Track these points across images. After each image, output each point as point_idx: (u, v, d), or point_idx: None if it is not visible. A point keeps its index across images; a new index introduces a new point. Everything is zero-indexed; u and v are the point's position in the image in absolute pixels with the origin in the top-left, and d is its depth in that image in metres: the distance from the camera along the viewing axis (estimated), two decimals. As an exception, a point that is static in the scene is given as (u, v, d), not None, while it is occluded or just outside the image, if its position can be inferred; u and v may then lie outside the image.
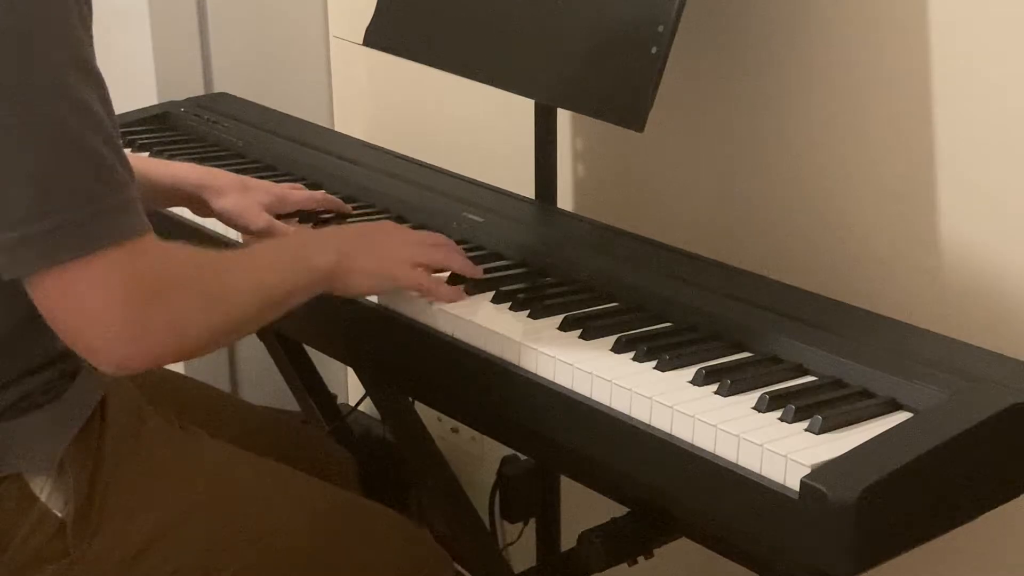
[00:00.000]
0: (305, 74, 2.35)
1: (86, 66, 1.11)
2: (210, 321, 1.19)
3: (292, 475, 1.41)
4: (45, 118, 1.07)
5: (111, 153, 1.11)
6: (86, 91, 1.10)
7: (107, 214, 1.10)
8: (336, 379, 2.31)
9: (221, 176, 1.57)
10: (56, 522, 1.23)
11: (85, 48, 1.11)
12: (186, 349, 1.19)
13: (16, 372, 1.21)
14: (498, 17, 1.62)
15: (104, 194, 1.10)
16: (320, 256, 1.31)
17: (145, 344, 1.13)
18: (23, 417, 1.22)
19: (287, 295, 1.28)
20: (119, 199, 1.11)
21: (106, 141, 1.11)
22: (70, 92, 1.08)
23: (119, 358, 1.13)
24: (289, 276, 1.28)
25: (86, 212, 1.09)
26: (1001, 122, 1.43)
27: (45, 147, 1.07)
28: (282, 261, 1.30)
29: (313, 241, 1.38)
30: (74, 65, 1.09)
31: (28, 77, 1.07)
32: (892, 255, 1.55)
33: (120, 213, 1.11)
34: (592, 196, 1.90)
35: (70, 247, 1.08)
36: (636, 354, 1.25)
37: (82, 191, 1.09)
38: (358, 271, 1.33)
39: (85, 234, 1.09)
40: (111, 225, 1.10)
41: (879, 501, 1.02)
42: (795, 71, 1.60)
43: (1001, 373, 1.19)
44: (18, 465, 1.21)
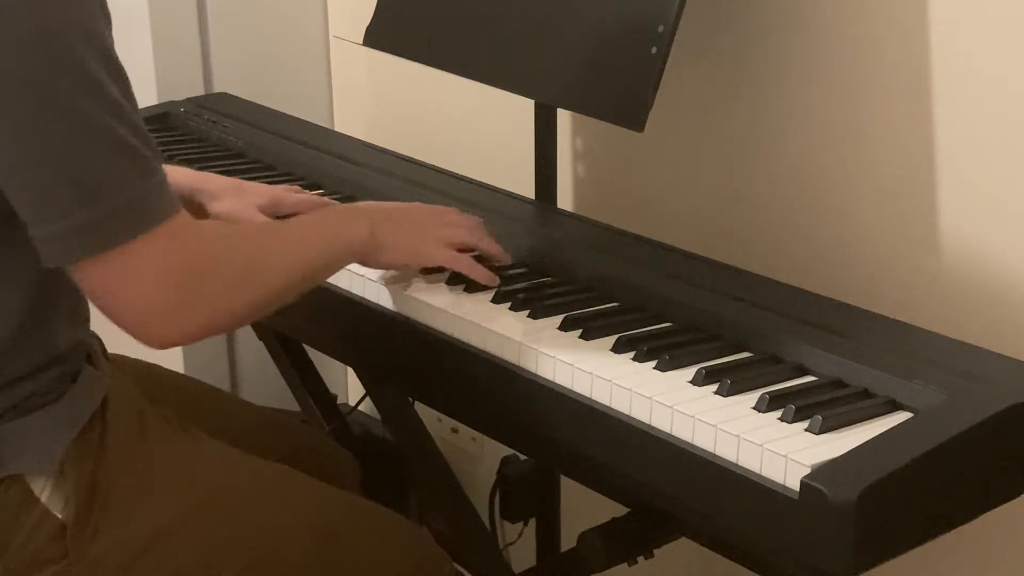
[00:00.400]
0: (305, 74, 2.35)
1: (109, 58, 1.13)
2: (250, 294, 1.23)
3: (292, 476, 1.41)
4: (76, 114, 1.10)
5: (138, 140, 1.14)
6: (109, 83, 1.12)
7: (142, 199, 1.13)
8: (336, 379, 2.31)
9: (216, 180, 1.58)
10: (56, 523, 1.23)
11: (106, 38, 1.14)
12: (228, 322, 1.23)
13: (17, 373, 1.21)
14: (498, 17, 1.62)
15: (137, 180, 1.13)
16: (353, 229, 1.35)
17: (190, 319, 1.17)
18: (24, 418, 1.22)
19: (322, 267, 1.32)
20: (151, 183, 1.14)
21: (132, 130, 1.13)
22: (96, 86, 1.11)
23: (167, 334, 1.17)
24: (324, 249, 1.32)
25: (124, 199, 1.12)
26: (1001, 122, 1.43)
27: (76, 141, 1.10)
28: (317, 234, 1.33)
29: (347, 214, 1.42)
30: (98, 58, 1.12)
31: (54, 73, 1.09)
32: (892, 255, 1.55)
33: (154, 196, 1.14)
34: (592, 196, 1.90)
35: (112, 235, 1.12)
36: (636, 354, 1.25)
37: (116, 181, 1.12)
38: (391, 245, 1.37)
39: (125, 221, 1.12)
40: (147, 209, 1.13)
41: (879, 501, 1.02)
42: (795, 71, 1.60)
43: (1001, 373, 1.19)
44: (18, 466, 1.21)
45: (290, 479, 1.41)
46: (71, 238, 1.11)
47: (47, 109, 1.09)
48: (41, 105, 1.09)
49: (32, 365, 1.22)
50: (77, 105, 1.10)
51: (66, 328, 1.25)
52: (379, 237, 1.35)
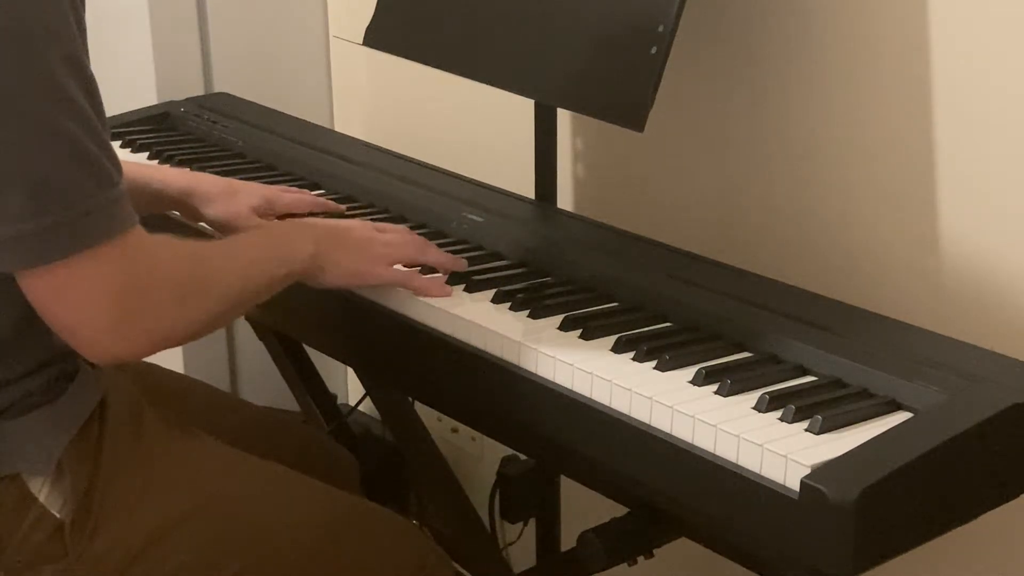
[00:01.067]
0: (305, 74, 2.35)
1: (77, 64, 1.12)
2: (194, 313, 1.21)
3: (291, 476, 1.41)
4: (36, 117, 1.09)
5: (99, 150, 1.12)
6: (75, 90, 1.11)
7: (97, 211, 1.11)
8: (336, 379, 2.31)
9: (208, 181, 1.57)
10: (54, 522, 1.23)
11: (77, 46, 1.12)
12: (171, 339, 1.21)
13: (15, 372, 1.21)
14: (498, 17, 1.62)
15: (94, 191, 1.11)
16: (299, 248, 1.34)
17: (134, 335, 1.16)
18: (22, 417, 1.21)
19: (266, 286, 1.30)
20: (108, 196, 1.12)
21: (94, 139, 1.12)
22: (60, 91, 1.09)
23: (108, 350, 1.16)
24: (268, 267, 1.31)
25: (78, 210, 1.10)
26: (1001, 122, 1.43)
27: (37, 146, 1.09)
28: (262, 252, 1.32)
29: (292, 232, 1.39)
30: (66, 64, 1.10)
31: (21, 76, 1.08)
32: (892, 255, 1.55)
33: (110, 209, 1.12)
34: (592, 196, 1.90)
35: (62, 245, 1.10)
36: (636, 354, 1.25)
37: (74, 189, 1.10)
38: (333, 265, 1.36)
39: (77, 232, 1.10)
40: (101, 222, 1.12)
41: (879, 501, 1.02)
42: (795, 71, 1.60)
43: (1001, 373, 1.19)
44: (17, 465, 1.21)
45: (289, 479, 1.41)
46: (18, 245, 1.10)
47: (11, 113, 1.08)
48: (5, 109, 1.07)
49: (30, 365, 1.22)
50: (40, 109, 1.08)
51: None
52: (322, 259, 1.34)
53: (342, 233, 1.41)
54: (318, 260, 1.34)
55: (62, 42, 1.10)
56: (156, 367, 1.58)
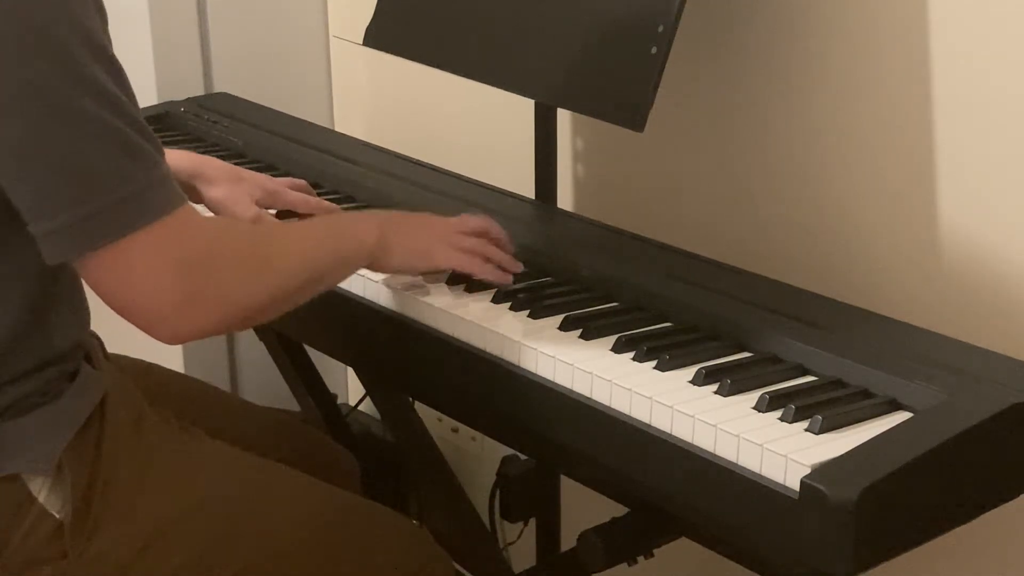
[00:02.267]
0: (305, 74, 2.35)
1: (104, 54, 1.13)
2: (257, 291, 1.22)
3: (292, 475, 1.41)
4: (70, 109, 1.10)
5: (137, 134, 1.14)
6: (104, 77, 1.12)
7: (142, 193, 1.13)
8: (336, 379, 2.31)
9: (213, 166, 1.57)
10: (54, 523, 1.22)
11: (99, 33, 1.14)
12: (236, 318, 1.22)
13: (15, 373, 1.21)
14: (498, 17, 1.62)
15: (137, 173, 1.13)
16: (364, 231, 1.35)
17: (198, 313, 1.17)
18: (22, 417, 1.21)
19: (332, 268, 1.32)
20: (152, 176, 1.14)
21: (131, 123, 1.13)
22: (90, 80, 1.11)
23: (177, 328, 1.17)
24: (334, 249, 1.32)
25: (121, 193, 1.12)
26: (1001, 123, 1.43)
27: (74, 138, 1.10)
28: (327, 235, 1.34)
29: (356, 218, 1.43)
30: (92, 53, 1.12)
31: (49, 69, 1.09)
32: (892, 255, 1.55)
33: (155, 189, 1.14)
34: (592, 196, 1.90)
35: (112, 229, 1.12)
36: (636, 354, 1.25)
37: (115, 175, 1.12)
38: (399, 249, 1.36)
39: (124, 214, 1.12)
40: (148, 202, 1.13)
41: (879, 501, 1.02)
42: (795, 71, 1.60)
43: (1001, 373, 1.19)
44: (16, 466, 1.21)
45: (289, 478, 1.41)
46: (71, 233, 1.11)
47: (43, 106, 1.09)
48: (37, 102, 1.09)
49: (30, 365, 1.22)
50: (73, 101, 1.10)
51: (65, 328, 1.25)
52: (388, 240, 1.35)
53: (410, 219, 1.42)
54: (384, 242, 1.35)
55: (87, 34, 1.12)
56: (156, 367, 1.58)
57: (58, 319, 1.24)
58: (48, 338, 1.22)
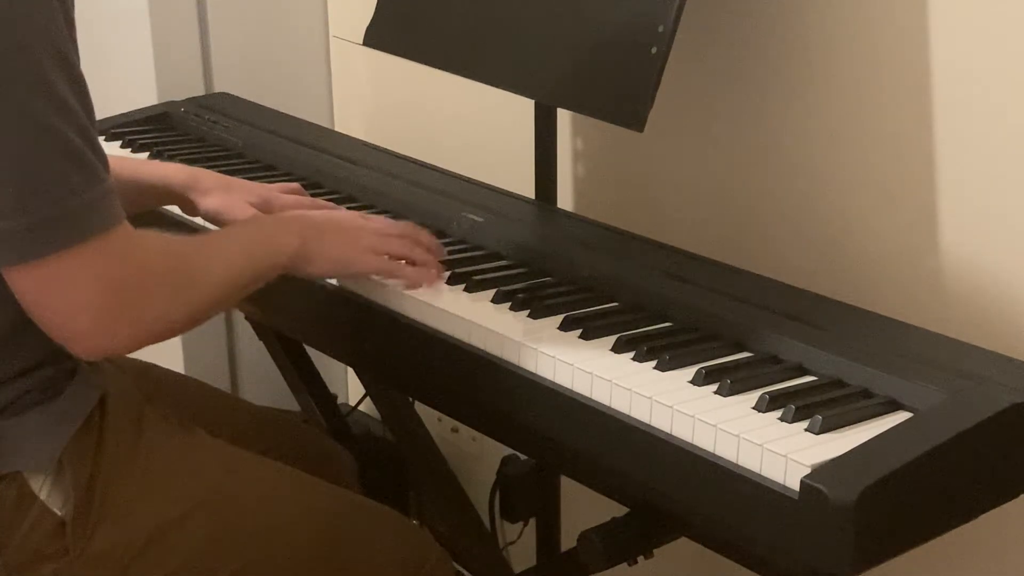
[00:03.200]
0: (305, 74, 2.35)
1: (65, 61, 1.12)
2: (181, 308, 1.22)
3: (292, 473, 1.41)
4: (23, 113, 1.09)
5: (86, 146, 1.12)
6: (63, 86, 1.11)
7: (84, 208, 1.12)
8: (336, 379, 2.31)
9: (206, 177, 1.56)
10: (55, 520, 1.23)
11: (65, 43, 1.12)
12: (158, 334, 1.21)
13: (14, 370, 1.21)
14: (498, 17, 1.62)
15: (81, 188, 1.11)
16: (284, 239, 1.34)
17: (120, 331, 1.16)
18: (22, 415, 1.22)
19: (252, 278, 1.30)
20: (95, 192, 1.13)
21: (82, 135, 1.12)
22: (48, 88, 1.09)
23: (99, 345, 1.17)
24: (255, 259, 1.31)
25: (64, 207, 1.10)
26: (1000, 124, 1.43)
27: (23, 142, 1.09)
28: (248, 244, 1.33)
29: (278, 224, 1.40)
30: (53, 60, 1.10)
31: (8, 72, 1.08)
32: (892, 255, 1.55)
33: (96, 205, 1.13)
34: (592, 196, 1.90)
35: (50, 241, 1.10)
36: (636, 354, 1.25)
37: (60, 186, 1.10)
38: (319, 255, 1.36)
39: (65, 228, 1.11)
40: (88, 218, 1.12)
41: (879, 501, 1.02)
42: (795, 72, 1.60)
43: (1001, 373, 1.19)
44: (17, 463, 1.21)
45: (290, 476, 1.41)
46: (6, 241, 1.10)
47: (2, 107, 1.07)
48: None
49: (28, 363, 1.22)
50: (28, 105, 1.09)
51: None
52: (308, 248, 1.35)
53: (329, 223, 1.41)
54: (304, 250, 1.34)
55: (51, 38, 1.10)
56: (156, 367, 1.58)
57: None
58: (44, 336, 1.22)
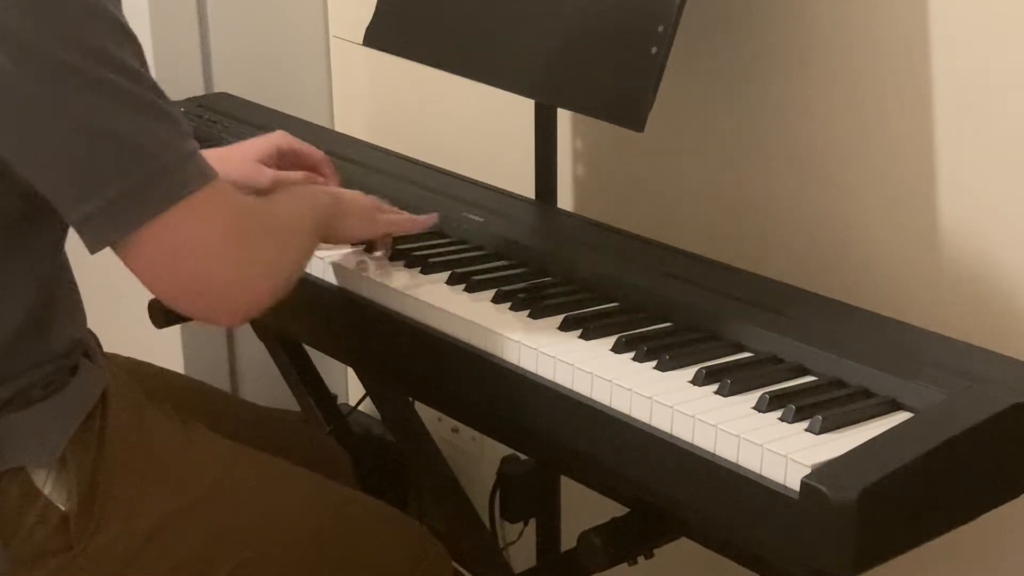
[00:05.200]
0: (305, 74, 2.35)
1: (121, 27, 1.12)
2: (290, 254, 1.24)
3: (293, 470, 1.42)
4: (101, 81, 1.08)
5: (166, 103, 1.13)
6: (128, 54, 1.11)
7: (184, 160, 1.12)
8: (336, 379, 2.31)
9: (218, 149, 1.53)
10: (59, 515, 1.23)
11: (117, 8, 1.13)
12: (284, 282, 1.22)
13: (18, 368, 1.21)
14: (498, 17, 1.62)
15: (175, 142, 1.12)
16: (322, 199, 1.38)
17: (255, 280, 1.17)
18: (24, 411, 1.21)
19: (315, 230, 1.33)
20: (189, 145, 1.13)
21: (159, 95, 1.13)
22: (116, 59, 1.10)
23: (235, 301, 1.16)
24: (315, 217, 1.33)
25: (164, 161, 1.10)
26: (1001, 124, 1.43)
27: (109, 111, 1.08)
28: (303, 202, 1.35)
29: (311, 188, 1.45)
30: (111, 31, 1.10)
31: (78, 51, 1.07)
32: (892, 255, 1.55)
33: (193, 158, 1.13)
34: (592, 196, 1.90)
35: (159, 200, 1.10)
36: (636, 354, 1.25)
37: (155, 141, 1.10)
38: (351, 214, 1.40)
39: (170, 183, 1.10)
40: (189, 170, 1.12)
41: (879, 501, 1.02)
42: (795, 71, 1.60)
43: (1001, 373, 1.19)
44: (20, 459, 1.21)
45: (291, 472, 1.41)
46: (116, 211, 1.09)
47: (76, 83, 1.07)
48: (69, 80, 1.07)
49: (30, 362, 1.22)
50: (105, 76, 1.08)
51: (64, 328, 1.25)
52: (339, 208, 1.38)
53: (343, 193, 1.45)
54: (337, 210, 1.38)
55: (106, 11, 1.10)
56: (154, 366, 1.58)
57: (57, 319, 1.24)
58: (47, 337, 1.22)
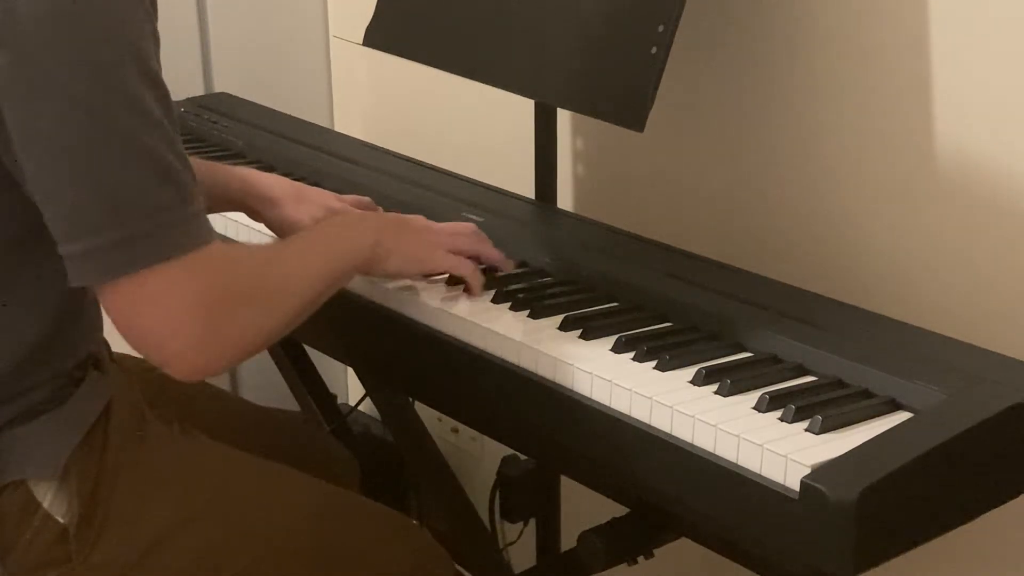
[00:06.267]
0: (305, 74, 2.35)
1: (154, 77, 1.12)
2: (273, 320, 1.21)
3: (293, 475, 1.41)
4: (113, 129, 1.08)
5: (178, 162, 1.12)
6: (152, 103, 1.10)
7: (176, 224, 1.11)
8: (336, 379, 2.31)
9: (276, 186, 1.54)
10: (59, 528, 1.23)
11: (151, 57, 1.12)
12: (254, 349, 1.20)
13: (23, 387, 1.21)
14: (498, 17, 1.62)
15: (173, 204, 1.11)
16: (360, 237, 1.34)
17: (214, 351, 1.15)
18: (27, 424, 1.21)
19: (333, 280, 1.30)
20: (188, 209, 1.12)
21: (173, 151, 1.11)
22: (137, 103, 1.09)
23: (195, 364, 1.15)
24: (334, 261, 1.30)
25: (155, 222, 1.10)
26: (1000, 123, 1.43)
27: (114, 158, 1.08)
28: (328, 247, 1.32)
29: (353, 223, 1.40)
30: (142, 76, 1.10)
31: (97, 88, 1.07)
32: (892, 255, 1.55)
33: (189, 222, 1.12)
34: (592, 196, 1.90)
35: (138, 258, 1.09)
36: (636, 354, 1.25)
37: (152, 201, 1.10)
38: (395, 252, 1.35)
39: (155, 244, 1.10)
40: (180, 235, 1.11)
41: (879, 501, 1.02)
42: (795, 71, 1.60)
43: (1001, 373, 1.19)
44: (21, 471, 1.21)
45: (290, 478, 1.41)
46: (100, 256, 1.09)
47: (88, 125, 1.07)
48: (82, 120, 1.07)
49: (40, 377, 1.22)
50: (119, 122, 1.08)
51: (77, 344, 1.25)
52: (384, 246, 1.34)
53: (401, 222, 1.41)
54: (380, 248, 1.34)
55: (138, 53, 1.10)
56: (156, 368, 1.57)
57: (78, 331, 1.24)
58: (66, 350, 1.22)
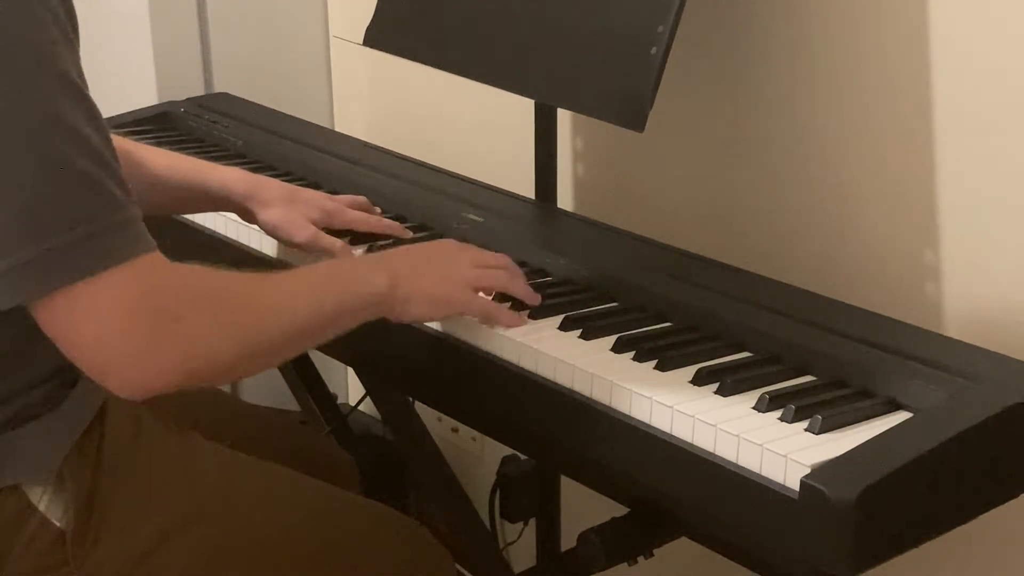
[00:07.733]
0: (305, 74, 2.35)
1: (68, 83, 1.07)
2: (228, 345, 1.13)
3: (291, 476, 1.41)
4: (30, 145, 1.04)
5: (102, 173, 1.07)
6: (71, 111, 1.06)
7: (102, 235, 1.06)
8: (336, 379, 2.31)
9: (269, 187, 1.52)
10: (55, 531, 1.22)
11: (67, 63, 1.07)
12: (204, 373, 1.13)
13: (16, 387, 1.20)
14: (498, 17, 1.62)
15: (97, 215, 1.06)
16: (371, 279, 1.25)
17: (155, 366, 1.09)
18: (22, 427, 1.20)
19: (336, 316, 1.22)
20: (115, 219, 1.07)
21: (96, 161, 1.07)
22: (55, 115, 1.05)
23: (128, 382, 1.09)
24: (338, 296, 1.23)
25: (77, 234, 1.05)
26: (1001, 123, 1.43)
27: (32, 174, 1.04)
28: (329, 281, 1.24)
29: (364, 264, 1.34)
30: (57, 85, 1.05)
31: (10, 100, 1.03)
32: (892, 255, 1.55)
33: (117, 233, 1.07)
34: (592, 196, 1.90)
35: (65, 271, 1.05)
36: (636, 354, 1.25)
37: (72, 214, 1.05)
38: (417, 296, 1.27)
39: (80, 257, 1.05)
40: (108, 246, 1.06)
41: (879, 501, 1.02)
42: (795, 71, 1.60)
43: (1001, 373, 1.19)
44: (17, 475, 1.20)
45: (289, 480, 1.41)
46: (19, 273, 1.04)
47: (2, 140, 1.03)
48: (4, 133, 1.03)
49: (32, 379, 1.21)
50: (33, 134, 1.04)
51: None
52: (402, 288, 1.26)
53: (422, 258, 1.33)
54: (397, 292, 1.26)
55: (50, 63, 1.05)
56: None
57: None
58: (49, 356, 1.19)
